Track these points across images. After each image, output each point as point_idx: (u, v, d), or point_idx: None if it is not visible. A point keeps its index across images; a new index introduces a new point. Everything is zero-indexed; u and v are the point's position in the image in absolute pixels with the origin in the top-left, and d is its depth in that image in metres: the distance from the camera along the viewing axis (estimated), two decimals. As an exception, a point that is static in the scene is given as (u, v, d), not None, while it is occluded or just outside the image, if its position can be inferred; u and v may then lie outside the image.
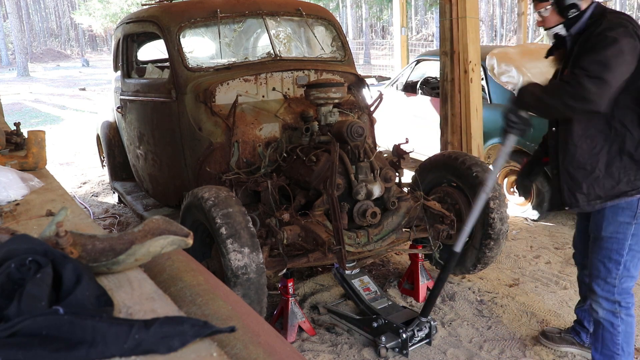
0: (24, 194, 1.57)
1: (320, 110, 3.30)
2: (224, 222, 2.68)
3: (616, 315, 2.40)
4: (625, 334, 2.42)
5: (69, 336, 0.78)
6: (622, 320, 2.41)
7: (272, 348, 1.27)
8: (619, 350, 2.43)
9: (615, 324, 2.41)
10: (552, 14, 2.37)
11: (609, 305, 2.41)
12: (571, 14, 2.32)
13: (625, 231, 2.31)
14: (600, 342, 2.47)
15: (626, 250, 2.32)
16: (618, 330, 2.41)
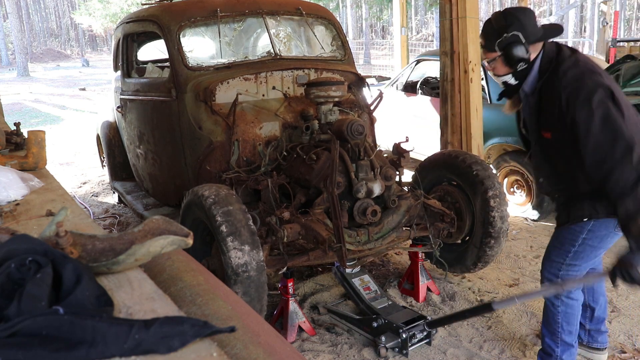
0: (24, 194, 1.57)
1: (321, 108, 3.30)
2: (225, 220, 2.69)
3: (557, 296, 2.52)
4: (565, 314, 2.53)
5: (69, 336, 0.78)
6: (562, 302, 2.52)
7: (272, 348, 1.27)
8: (559, 328, 2.56)
9: (555, 304, 2.54)
10: (500, 65, 2.36)
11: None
12: (520, 67, 2.32)
13: (583, 225, 2.37)
14: (545, 316, 2.62)
15: (579, 242, 2.39)
16: (558, 310, 2.53)
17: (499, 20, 2.29)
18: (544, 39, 2.30)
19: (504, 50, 2.28)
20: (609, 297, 3.40)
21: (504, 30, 2.25)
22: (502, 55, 2.30)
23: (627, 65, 4.24)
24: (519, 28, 2.24)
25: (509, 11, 2.32)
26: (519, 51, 2.25)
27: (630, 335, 2.99)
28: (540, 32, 2.28)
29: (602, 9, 16.24)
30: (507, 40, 2.25)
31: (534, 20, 2.29)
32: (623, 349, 2.87)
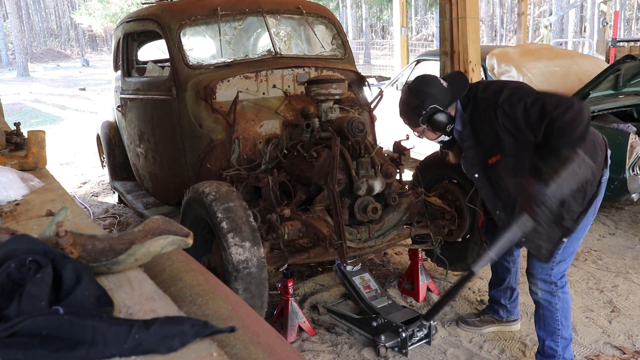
0: (24, 194, 1.57)
1: (321, 106, 3.31)
2: (225, 217, 2.69)
3: (553, 294, 2.55)
4: (563, 310, 2.57)
5: (69, 336, 0.77)
6: (559, 298, 2.55)
7: (272, 348, 1.26)
8: (559, 325, 2.58)
9: (553, 302, 2.56)
10: (429, 133, 2.51)
11: (546, 287, 2.56)
12: (449, 128, 2.45)
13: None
14: (542, 320, 2.64)
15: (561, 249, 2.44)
16: (556, 307, 2.56)
17: (411, 100, 2.42)
18: (457, 98, 2.41)
19: (428, 123, 2.42)
20: (608, 297, 3.41)
21: (420, 108, 2.39)
22: (428, 127, 2.45)
23: (627, 65, 4.24)
24: (432, 100, 2.38)
25: (416, 88, 2.44)
26: (441, 118, 2.40)
27: (630, 336, 2.99)
28: (451, 93, 2.40)
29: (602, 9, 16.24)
30: (428, 115, 2.39)
31: (440, 84, 2.41)
32: (623, 350, 2.87)
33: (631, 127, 4.14)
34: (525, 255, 2.66)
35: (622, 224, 4.62)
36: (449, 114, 2.41)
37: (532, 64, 4.88)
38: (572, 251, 2.52)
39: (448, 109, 2.42)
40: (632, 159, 3.88)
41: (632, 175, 3.93)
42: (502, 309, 3.10)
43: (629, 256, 3.99)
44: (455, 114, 2.45)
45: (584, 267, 3.83)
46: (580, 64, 5.15)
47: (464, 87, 2.40)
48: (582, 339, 2.97)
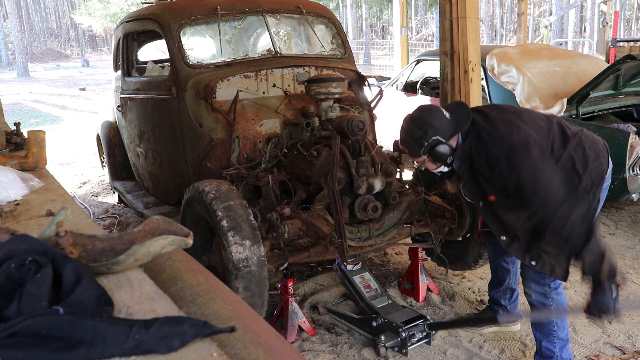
0: (24, 194, 1.57)
1: (321, 105, 3.31)
2: (225, 215, 2.69)
3: (547, 296, 2.56)
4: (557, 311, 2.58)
5: (69, 336, 0.78)
6: (552, 299, 2.56)
7: (272, 348, 1.26)
8: (555, 327, 2.60)
9: (547, 304, 2.57)
10: (430, 163, 2.50)
11: (539, 289, 2.56)
12: (449, 160, 2.44)
13: None
14: (538, 322, 2.65)
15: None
16: (551, 309, 2.58)
17: (413, 130, 2.40)
18: (459, 130, 2.39)
19: (430, 154, 2.41)
20: (608, 297, 3.41)
21: (422, 139, 2.37)
22: (428, 158, 2.44)
23: (627, 65, 4.24)
24: (435, 132, 2.36)
25: (419, 118, 2.42)
26: (443, 150, 2.38)
27: (630, 336, 2.99)
28: (453, 125, 2.38)
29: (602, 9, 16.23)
30: (429, 147, 2.38)
31: (443, 115, 2.39)
32: (623, 350, 2.87)
33: (631, 127, 4.14)
34: None
35: (622, 224, 4.62)
36: (450, 146, 2.39)
37: (532, 63, 4.88)
38: None
39: (450, 140, 2.40)
40: (632, 159, 3.88)
41: (632, 175, 3.93)
42: (502, 309, 3.10)
43: (629, 256, 3.99)
44: (456, 146, 2.42)
45: (583, 267, 3.83)
46: (580, 64, 5.14)
47: (466, 120, 2.37)
48: (582, 339, 2.97)
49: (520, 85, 4.68)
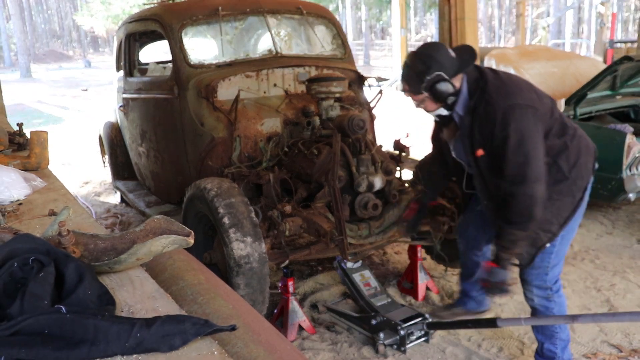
0: (26, 193, 1.58)
1: (322, 104, 3.32)
2: (227, 212, 2.71)
3: (549, 299, 2.54)
4: (559, 313, 2.57)
5: (71, 335, 0.78)
6: (555, 302, 2.54)
7: (273, 347, 1.28)
8: (557, 329, 2.58)
9: (549, 307, 2.55)
10: (429, 102, 2.40)
11: (542, 292, 2.54)
12: (450, 100, 2.34)
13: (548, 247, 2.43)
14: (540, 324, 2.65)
15: (559, 239, 2.41)
16: (553, 312, 2.56)
17: (417, 64, 2.31)
18: (463, 68, 2.33)
19: (431, 91, 2.31)
20: (605, 296, 3.42)
21: (425, 73, 2.28)
22: (429, 95, 2.34)
23: (624, 66, 4.25)
24: (438, 67, 2.27)
25: (424, 52, 2.34)
26: (445, 88, 2.28)
27: (627, 334, 3.00)
28: (457, 63, 2.31)
29: (600, 11, 16.24)
30: (431, 82, 2.28)
31: (448, 52, 2.33)
32: (620, 349, 2.88)
33: (628, 128, 4.15)
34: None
35: (619, 223, 4.63)
36: (453, 85, 2.30)
37: (530, 64, 4.89)
38: (563, 254, 2.52)
39: (453, 79, 2.30)
40: (629, 159, 3.89)
41: (629, 175, 3.94)
42: (471, 300, 3.14)
43: (626, 255, 4.01)
44: (459, 88, 2.34)
45: (581, 266, 3.84)
46: (578, 65, 5.16)
47: (471, 59, 2.31)
48: (580, 338, 2.98)
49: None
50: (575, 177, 2.34)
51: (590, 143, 2.46)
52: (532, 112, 2.20)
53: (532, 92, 2.30)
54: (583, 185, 2.38)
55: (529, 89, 2.31)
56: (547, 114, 2.29)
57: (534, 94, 2.29)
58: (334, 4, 26.68)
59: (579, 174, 2.35)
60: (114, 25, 22.66)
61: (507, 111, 2.19)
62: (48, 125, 11.76)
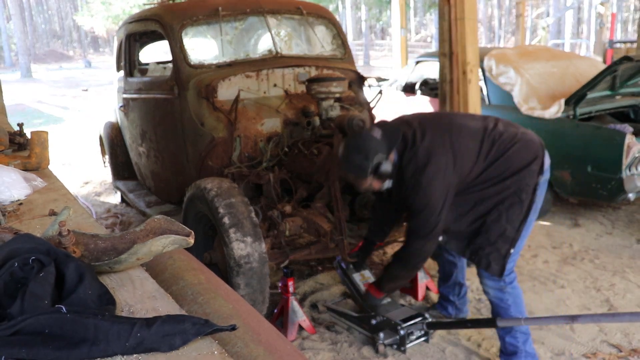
0: (27, 193, 1.58)
1: (322, 104, 3.33)
2: (227, 212, 2.72)
3: (503, 291, 2.63)
4: (515, 304, 2.64)
5: (72, 334, 0.79)
6: (509, 294, 2.62)
7: (273, 346, 1.28)
8: None
9: (504, 299, 2.64)
10: (376, 183, 2.55)
11: (495, 284, 2.62)
12: (392, 174, 2.50)
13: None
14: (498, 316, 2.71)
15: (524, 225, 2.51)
16: (508, 303, 2.64)
17: (355, 157, 2.46)
18: (393, 146, 2.45)
19: (375, 175, 2.47)
20: (605, 296, 3.43)
21: (366, 160, 2.43)
22: (375, 177, 2.49)
23: (623, 66, 4.25)
24: (374, 152, 2.42)
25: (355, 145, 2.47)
26: (387, 167, 2.45)
27: (627, 334, 3.00)
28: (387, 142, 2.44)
29: (599, 11, 16.24)
30: (374, 168, 2.43)
31: (375, 137, 2.44)
32: (619, 348, 2.88)
33: (628, 128, 4.15)
34: None
35: (618, 223, 4.63)
36: (391, 162, 2.47)
37: (530, 65, 4.90)
38: (518, 250, 2.59)
39: (389, 156, 2.46)
40: (629, 159, 3.89)
41: (629, 175, 3.94)
42: (451, 305, 3.18)
43: (626, 255, 4.01)
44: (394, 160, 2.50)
45: (581, 266, 3.84)
46: (578, 65, 5.16)
47: (397, 135, 2.45)
48: (579, 337, 2.98)
49: (518, 86, 4.70)
50: (518, 185, 2.46)
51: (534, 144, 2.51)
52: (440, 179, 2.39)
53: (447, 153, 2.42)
54: (530, 189, 2.47)
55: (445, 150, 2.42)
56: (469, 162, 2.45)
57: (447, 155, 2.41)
58: (334, 4, 26.67)
59: (522, 181, 2.46)
60: (114, 25, 22.66)
61: (414, 183, 2.41)
62: (48, 125, 11.76)
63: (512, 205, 2.46)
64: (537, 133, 2.69)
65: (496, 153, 2.46)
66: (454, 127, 2.49)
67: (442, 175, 2.39)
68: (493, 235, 2.49)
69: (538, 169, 2.48)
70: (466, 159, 2.44)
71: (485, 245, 2.52)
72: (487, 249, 2.52)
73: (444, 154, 2.41)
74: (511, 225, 2.47)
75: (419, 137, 2.44)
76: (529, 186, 2.46)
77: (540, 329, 3.06)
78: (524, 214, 2.48)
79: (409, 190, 2.44)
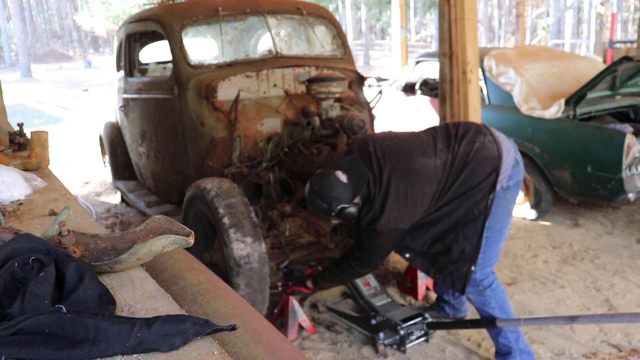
0: (27, 193, 1.58)
1: (322, 104, 3.33)
2: (227, 212, 2.72)
3: (483, 295, 2.64)
4: (499, 306, 2.66)
5: (72, 334, 0.79)
6: (490, 296, 2.64)
7: (273, 346, 1.28)
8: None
9: (486, 302, 2.66)
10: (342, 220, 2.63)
11: (473, 289, 2.64)
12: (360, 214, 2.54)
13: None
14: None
15: (483, 241, 2.53)
16: (491, 306, 2.65)
17: (319, 205, 2.49)
18: (358, 193, 2.48)
19: (340, 218, 2.55)
20: (605, 296, 3.43)
21: (329, 210, 2.48)
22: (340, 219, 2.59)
23: (623, 66, 4.25)
24: (338, 202, 2.45)
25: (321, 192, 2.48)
26: (349, 212, 2.50)
27: (627, 334, 3.00)
28: (352, 188, 2.46)
29: (599, 11, 16.25)
30: (337, 213, 2.49)
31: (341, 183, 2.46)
32: (619, 348, 2.89)
33: (628, 128, 4.15)
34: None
35: (618, 223, 4.64)
36: (355, 205, 2.50)
37: (530, 65, 4.90)
38: (493, 254, 2.60)
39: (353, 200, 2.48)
40: (628, 159, 3.90)
41: (629, 175, 3.95)
42: (447, 305, 3.19)
43: (626, 255, 4.01)
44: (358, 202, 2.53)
45: (581, 266, 3.85)
46: (578, 65, 5.16)
47: (362, 181, 2.45)
48: (579, 337, 2.99)
49: (518, 86, 4.70)
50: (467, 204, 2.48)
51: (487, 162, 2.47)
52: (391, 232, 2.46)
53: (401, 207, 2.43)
54: (481, 206, 2.48)
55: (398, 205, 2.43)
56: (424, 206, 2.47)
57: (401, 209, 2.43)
58: (334, 4, 26.67)
59: (471, 200, 2.47)
60: (114, 25, 22.66)
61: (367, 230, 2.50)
62: (48, 126, 11.76)
63: (466, 224, 2.50)
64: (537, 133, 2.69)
65: (449, 183, 2.48)
66: (411, 174, 2.45)
67: (394, 229, 2.46)
68: (454, 254, 2.54)
69: (490, 185, 2.46)
70: (421, 205, 2.47)
71: (448, 264, 2.57)
72: (449, 268, 2.57)
73: (396, 209, 2.43)
74: (469, 243, 2.51)
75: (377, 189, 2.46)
76: (480, 203, 2.47)
77: (540, 329, 3.06)
78: (479, 231, 2.50)
79: (362, 231, 2.56)
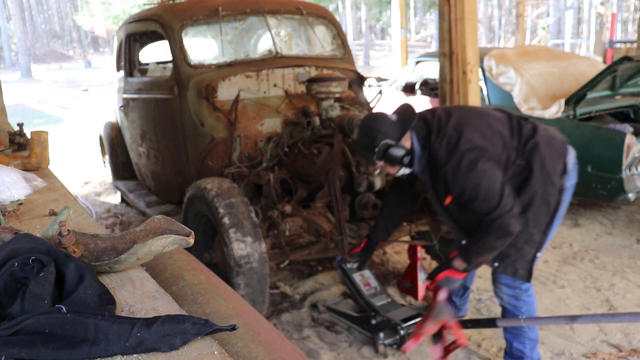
0: (27, 193, 1.58)
1: (322, 104, 3.33)
2: (227, 212, 2.72)
3: (518, 298, 2.56)
4: (528, 312, 2.58)
5: (72, 334, 0.79)
6: (524, 302, 2.56)
7: (273, 346, 1.28)
8: (525, 328, 2.59)
9: (518, 306, 2.57)
10: (388, 168, 2.50)
11: (510, 291, 2.56)
12: (406, 160, 2.42)
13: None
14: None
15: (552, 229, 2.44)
16: (522, 311, 2.57)
17: (363, 139, 2.42)
18: (406, 129, 2.40)
19: (384, 159, 2.41)
20: (605, 296, 3.43)
21: (373, 145, 2.38)
22: (385, 162, 2.44)
23: (623, 66, 4.25)
24: (383, 136, 2.37)
25: (366, 127, 2.43)
26: (396, 153, 2.38)
27: (627, 334, 3.00)
28: (400, 126, 2.39)
29: (599, 11, 16.25)
30: (381, 151, 2.38)
31: (388, 120, 2.40)
32: (619, 348, 2.89)
33: (628, 128, 4.15)
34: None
35: (618, 223, 4.64)
36: (403, 147, 2.39)
37: (530, 65, 4.90)
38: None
39: (401, 141, 2.40)
40: (628, 159, 3.90)
41: (629, 175, 3.95)
42: (451, 305, 3.12)
43: (626, 255, 4.01)
44: (411, 146, 2.42)
45: (581, 266, 3.84)
46: (578, 65, 5.16)
47: (411, 119, 2.38)
48: (580, 337, 2.99)
49: (518, 86, 4.70)
50: (544, 186, 2.37)
51: (558, 144, 2.44)
52: (479, 155, 2.25)
53: (477, 131, 2.31)
54: (555, 190, 2.39)
55: (474, 129, 2.32)
56: (500, 145, 2.33)
57: (478, 133, 2.31)
58: (334, 4, 26.67)
59: (547, 182, 2.37)
60: (114, 25, 22.67)
61: (454, 166, 2.26)
62: (48, 126, 11.76)
63: (539, 209, 2.38)
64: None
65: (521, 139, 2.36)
66: (479, 111, 2.43)
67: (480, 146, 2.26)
68: (519, 241, 2.39)
69: (561, 169, 2.39)
70: (496, 141, 2.32)
71: (511, 252, 2.42)
72: (513, 256, 2.43)
73: (475, 132, 2.30)
74: (538, 229, 2.39)
75: (444, 120, 2.35)
76: (555, 187, 2.37)
77: (540, 329, 3.06)
78: (550, 217, 2.40)
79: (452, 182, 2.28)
